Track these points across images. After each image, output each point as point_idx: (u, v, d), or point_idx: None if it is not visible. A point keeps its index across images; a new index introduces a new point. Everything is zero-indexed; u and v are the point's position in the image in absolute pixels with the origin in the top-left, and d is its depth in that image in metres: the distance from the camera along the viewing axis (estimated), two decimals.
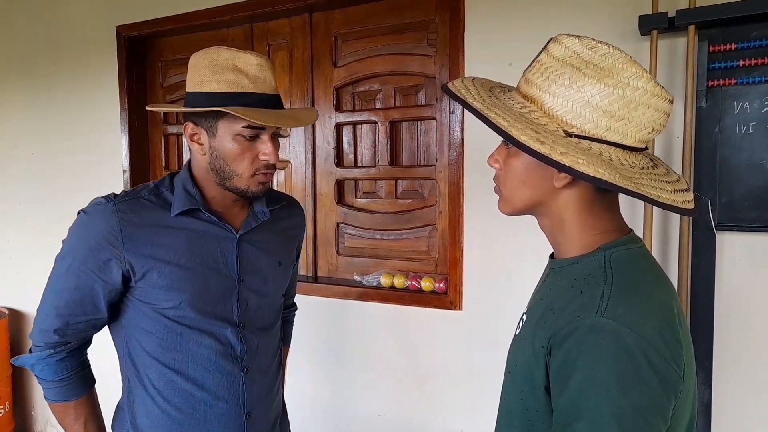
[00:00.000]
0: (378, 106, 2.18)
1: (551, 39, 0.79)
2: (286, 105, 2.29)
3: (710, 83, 1.50)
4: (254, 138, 1.07)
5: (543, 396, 0.76)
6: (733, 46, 1.47)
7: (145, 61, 2.66)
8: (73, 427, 1.15)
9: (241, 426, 1.16)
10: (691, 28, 1.47)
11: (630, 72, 0.72)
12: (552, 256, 0.90)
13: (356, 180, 2.25)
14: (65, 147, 2.79)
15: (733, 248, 1.54)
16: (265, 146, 1.08)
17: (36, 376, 1.13)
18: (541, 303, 0.83)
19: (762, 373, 1.52)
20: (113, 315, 1.14)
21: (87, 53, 2.67)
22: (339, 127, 2.24)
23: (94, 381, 1.20)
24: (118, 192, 1.12)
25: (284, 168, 2.38)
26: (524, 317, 0.88)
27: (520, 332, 0.87)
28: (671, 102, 0.75)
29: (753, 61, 1.45)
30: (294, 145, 2.34)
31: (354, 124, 2.23)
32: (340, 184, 2.27)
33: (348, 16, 2.17)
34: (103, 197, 1.09)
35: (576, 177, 0.72)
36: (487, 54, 1.83)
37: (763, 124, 1.46)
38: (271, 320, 1.25)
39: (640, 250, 0.80)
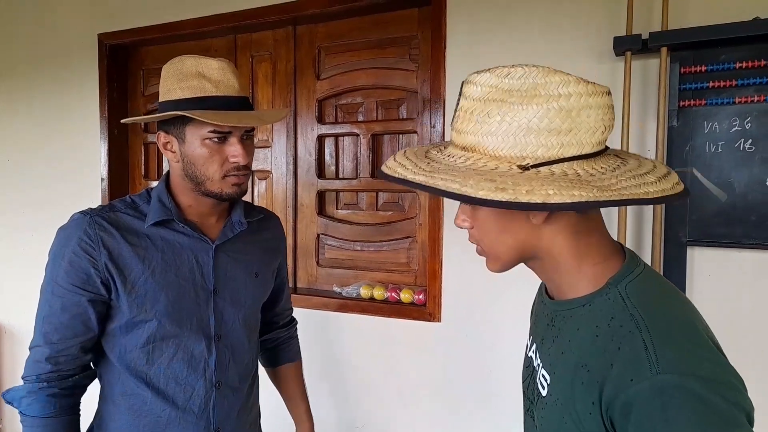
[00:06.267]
0: (360, 118, 2.20)
1: (463, 82, 0.74)
2: None
3: (682, 103, 1.55)
4: (222, 140, 1.07)
5: None
6: (704, 68, 1.53)
7: (127, 70, 2.65)
8: None
9: None
10: (664, 49, 1.52)
11: (555, 82, 0.66)
12: (547, 292, 0.83)
13: (337, 191, 2.27)
14: (43, 154, 2.75)
15: (704, 263, 1.58)
16: (233, 148, 1.08)
17: (21, 413, 1.06)
18: (564, 358, 0.74)
19: None
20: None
21: (68, 60, 2.65)
22: (321, 138, 2.26)
23: None
24: (94, 206, 1.13)
25: (266, 179, 2.39)
26: (545, 374, 0.78)
27: (547, 394, 0.76)
28: (609, 93, 0.70)
29: (722, 83, 1.51)
30: (276, 156, 2.34)
31: (336, 136, 2.25)
32: (321, 195, 2.28)
33: (331, 30, 2.19)
34: (79, 212, 1.10)
35: (553, 211, 0.67)
36: (468, 69, 1.85)
37: (731, 144, 1.52)
38: (247, 334, 1.23)
39: (647, 273, 0.73)
